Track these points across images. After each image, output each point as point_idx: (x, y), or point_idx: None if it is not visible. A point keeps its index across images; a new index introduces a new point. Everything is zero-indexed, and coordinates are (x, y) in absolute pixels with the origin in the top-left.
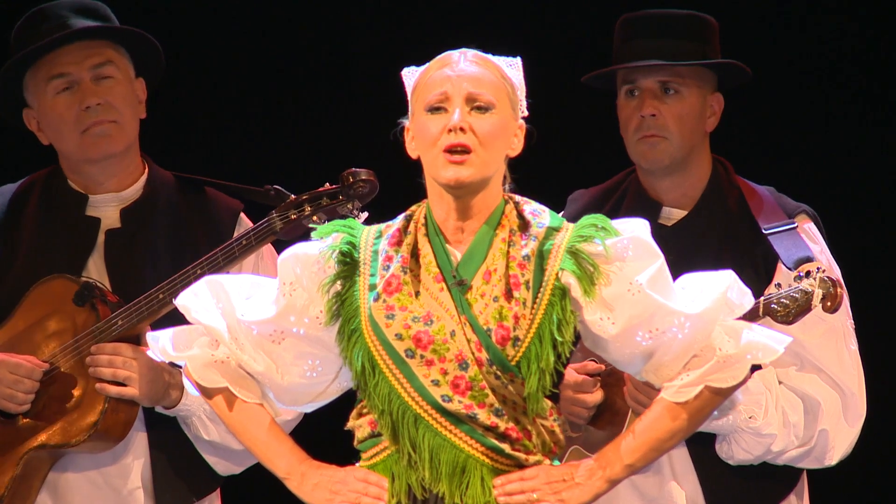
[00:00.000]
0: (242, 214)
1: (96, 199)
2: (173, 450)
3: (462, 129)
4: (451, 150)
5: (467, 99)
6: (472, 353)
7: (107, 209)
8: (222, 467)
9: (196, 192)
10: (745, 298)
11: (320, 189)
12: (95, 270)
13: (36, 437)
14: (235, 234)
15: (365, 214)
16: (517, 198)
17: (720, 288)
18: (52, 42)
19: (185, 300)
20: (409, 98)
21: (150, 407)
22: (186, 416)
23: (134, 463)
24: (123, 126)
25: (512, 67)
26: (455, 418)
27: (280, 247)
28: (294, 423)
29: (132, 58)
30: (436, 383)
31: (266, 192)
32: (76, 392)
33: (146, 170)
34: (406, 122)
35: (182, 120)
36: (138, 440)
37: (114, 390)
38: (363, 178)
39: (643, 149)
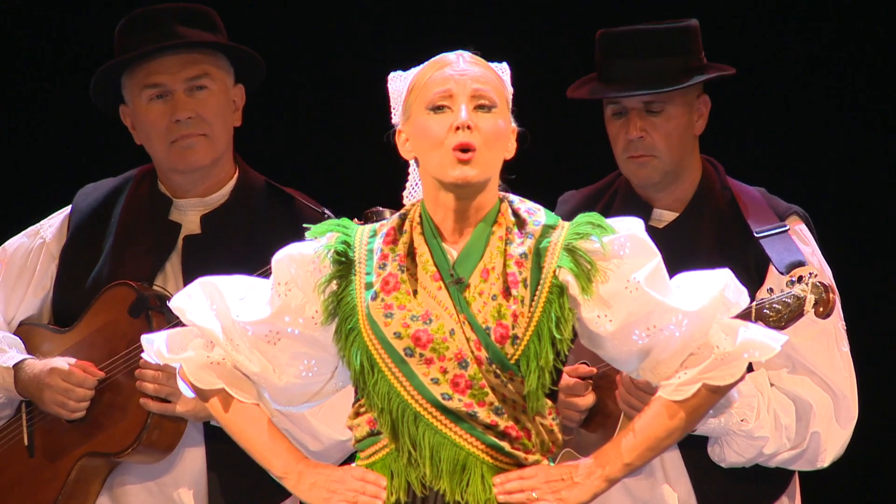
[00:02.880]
0: None
1: (180, 203)
2: (230, 463)
3: (469, 128)
4: (459, 149)
5: (472, 97)
6: (472, 352)
7: (189, 214)
8: None
9: (283, 202)
10: (741, 297)
11: None
12: (173, 275)
13: (89, 443)
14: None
15: None
16: (511, 196)
17: (718, 286)
18: (147, 52)
19: (180, 302)
20: (400, 101)
21: (202, 421)
22: None
23: (191, 475)
24: (213, 139)
25: (503, 73)
26: (455, 416)
27: None
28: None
29: (233, 64)
30: (435, 381)
31: (321, 215)
32: (125, 403)
33: (236, 175)
34: (398, 126)
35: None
36: (195, 452)
37: (156, 406)
38: (386, 217)
39: (632, 168)
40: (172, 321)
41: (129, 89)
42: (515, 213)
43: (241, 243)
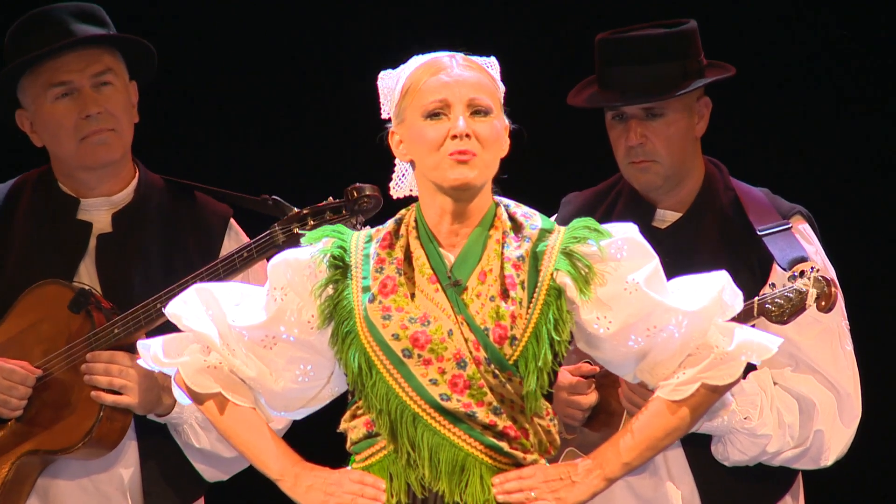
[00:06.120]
0: (232, 220)
1: (88, 202)
2: (162, 457)
3: (468, 136)
4: (457, 156)
5: (467, 104)
6: (470, 352)
7: (98, 213)
8: (210, 474)
9: (186, 197)
10: (736, 300)
11: (323, 203)
12: (87, 275)
13: (28, 442)
14: (225, 242)
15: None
16: (507, 201)
17: (716, 287)
18: (55, 50)
19: (176, 308)
20: (391, 100)
21: (143, 415)
22: (178, 424)
23: (123, 470)
24: (121, 134)
25: (491, 68)
26: (453, 417)
27: None
28: (283, 431)
29: (127, 61)
30: (434, 382)
31: (263, 202)
32: (70, 399)
33: (137, 173)
34: (391, 127)
35: (178, 126)
36: (129, 447)
37: (109, 399)
38: (367, 193)
39: (634, 173)
40: (111, 317)
41: (32, 90)
42: (511, 217)
43: (152, 240)
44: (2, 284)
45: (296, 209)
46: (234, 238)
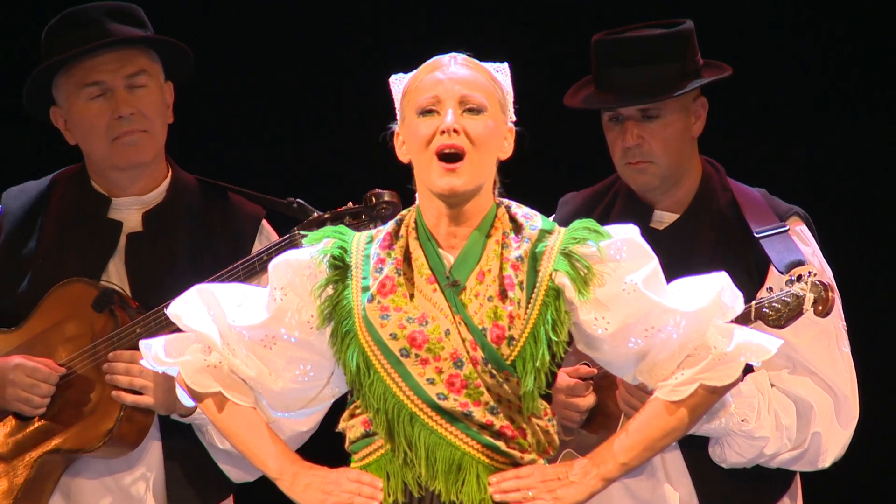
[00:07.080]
0: (264, 221)
1: (119, 202)
2: (187, 457)
3: (455, 131)
4: (443, 154)
5: (459, 101)
6: (467, 352)
7: (129, 212)
8: (235, 475)
9: (218, 197)
10: (736, 301)
11: (343, 208)
12: (116, 274)
13: (51, 440)
14: (256, 244)
15: None
16: (508, 202)
17: (715, 288)
18: (90, 50)
19: (177, 308)
20: (398, 103)
21: (165, 415)
22: (202, 424)
23: (147, 469)
24: (154, 135)
25: (500, 73)
26: (450, 416)
27: None
28: (308, 435)
29: (163, 62)
30: (431, 382)
31: (288, 205)
32: (92, 398)
33: (170, 173)
34: (395, 128)
35: (208, 126)
36: (153, 447)
37: (129, 399)
38: (386, 199)
39: (631, 174)
40: (135, 317)
41: (66, 89)
42: (512, 218)
43: (182, 240)
44: (32, 281)
45: (317, 213)
46: (266, 240)
